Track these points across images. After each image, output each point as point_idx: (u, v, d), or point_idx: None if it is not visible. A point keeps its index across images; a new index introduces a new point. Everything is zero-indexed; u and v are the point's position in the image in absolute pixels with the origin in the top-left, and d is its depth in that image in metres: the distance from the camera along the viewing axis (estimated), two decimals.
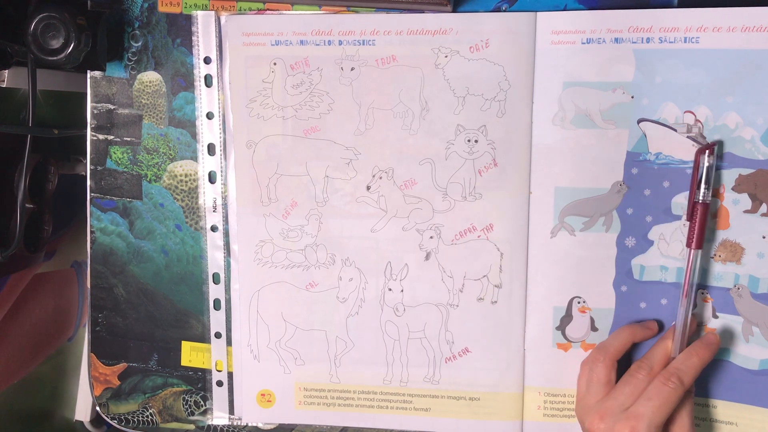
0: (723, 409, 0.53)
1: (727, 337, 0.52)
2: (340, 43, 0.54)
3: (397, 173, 0.55)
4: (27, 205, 0.60)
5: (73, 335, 0.73)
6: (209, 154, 0.57)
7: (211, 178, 0.57)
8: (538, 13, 0.51)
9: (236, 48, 0.55)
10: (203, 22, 0.55)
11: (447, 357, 0.56)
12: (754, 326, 0.52)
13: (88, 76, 0.57)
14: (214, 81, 0.56)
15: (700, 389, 0.53)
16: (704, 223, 0.50)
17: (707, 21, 0.49)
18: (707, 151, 0.49)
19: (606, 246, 0.53)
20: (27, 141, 0.55)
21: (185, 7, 0.55)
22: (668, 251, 0.52)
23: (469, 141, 0.53)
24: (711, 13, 0.49)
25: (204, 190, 0.57)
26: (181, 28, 0.56)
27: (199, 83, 0.56)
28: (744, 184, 0.51)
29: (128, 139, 0.58)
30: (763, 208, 0.51)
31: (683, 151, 0.51)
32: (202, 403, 0.61)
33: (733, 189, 0.51)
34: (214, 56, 0.55)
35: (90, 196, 0.59)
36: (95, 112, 0.58)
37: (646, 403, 0.47)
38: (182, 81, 0.56)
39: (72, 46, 0.51)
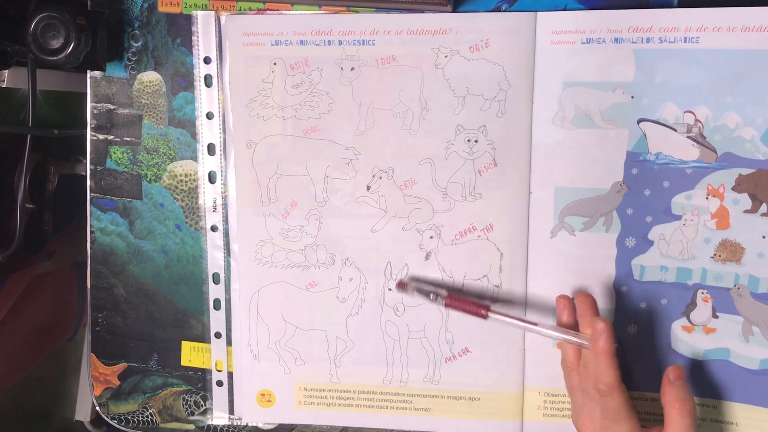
0: (723, 409, 0.53)
1: (727, 336, 0.52)
2: (340, 43, 0.54)
3: (397, 173, 0.55)
4: (27, 205, 0.60)
5: (73, 335, 0.73)
6: (209, 154, 0.57)
7: (211, 178, 0.57)
8: (538, 13, 0.51)
9: (236, 48, 0.55)
10: (203, 22, 0.55)
11: (447, 357, 0.56)
12: (754, 326, 0.52)
13: (88, 76, 0.57)
14: (214, 81, 0.56)
15: (701, 389, 0.53)
16: (467, 308, 0.53)
17: (707, 21, 0.49)
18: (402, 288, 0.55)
19: (606, 246, 0.53)
20: (27, 141, 0.55)
21: (185, 7, 0.55)
22: (668, 251, 0.52)
23: (469, 141, 0.53)
24: (711, 13, 0.49)
25: (204, 190, 0.57)
26: (181, 28, 0.56)
27: (199, 83, 0.56)
28: (744, 184, 0.51)
29: (128, 139, 0.58)
30: (763, 208, 0.51)
31: (683, 151, 0.51)
32: (202, 403, 0.61)
33: (733, 189, 0.51)
34: (214, 56, 0.55)
35: (90, 196, 0.59)
36: (95, 112, 0.58)
37: (610, 425, 0.48)
38: (182, 81, 0.56)
39: (72, 46, 0.51)
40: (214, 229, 0.58)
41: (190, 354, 0.60)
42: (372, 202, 0.55)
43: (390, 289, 0.56)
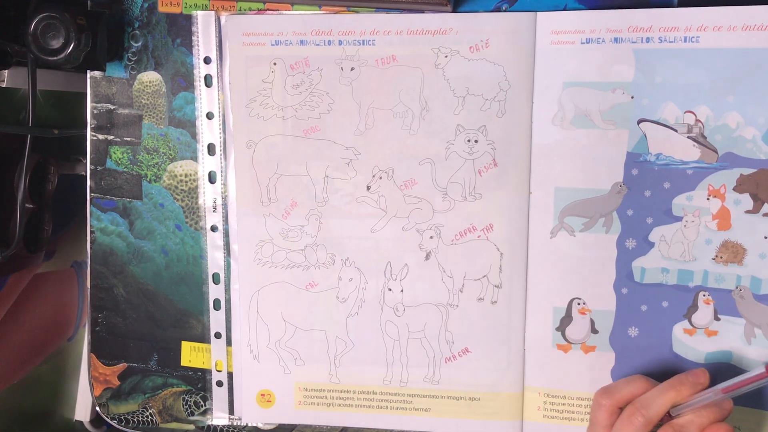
0: None
1: (729, 339, 0.52)
2: (340, 43, 0.54)
3: (397, 173, 0.54)
4: (27, 205, 0.60)
5: (73, 335, 0.73)
6: (209, 154, 0.57)
7: (211, 178, 0.57)
8: (538, 13, 0.51)
9: (236, 48, 0.55)
10: (203, 22, 0.55)
11: (447, 357, 0.56)
12: (757, 328, 0.52)
13: (88, 76, 0.57)
14: (214, 81, 0.56)
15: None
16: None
17: (707, 20, 0.49)
18: None
19: (606, 247, 0.53)
20: (27, 141, 0.55)
21: (185, 7, 0.55)
22: (669, 253, 0.52)
23: (469, 141, 0.53)
24: (711, 12, 0.49)
25: (204, 190, 0.57)
26: (181, 28, 0.56)
27: (199, 83, 0.56)
28: (745, 184, 0.50)
29: (128, 139, 0.58)
30: (764, 208, 0.51)
31: (684, 151, 0.51)
32: (202, 403, 0.61)
33: (734, 189, 0.51)
34: (214, 56, 0.55)
35: (90, 196, 0.59)
36: (95, 112, 0.58)
37: None
38: (182, 81, 0.56)
39: (72, 46, 0.51)
40: (214, 229, 0.58)
41: (190, 354, 0.60)
42: (372, 202, 0.55)
43: (390, 289, 0.56)
